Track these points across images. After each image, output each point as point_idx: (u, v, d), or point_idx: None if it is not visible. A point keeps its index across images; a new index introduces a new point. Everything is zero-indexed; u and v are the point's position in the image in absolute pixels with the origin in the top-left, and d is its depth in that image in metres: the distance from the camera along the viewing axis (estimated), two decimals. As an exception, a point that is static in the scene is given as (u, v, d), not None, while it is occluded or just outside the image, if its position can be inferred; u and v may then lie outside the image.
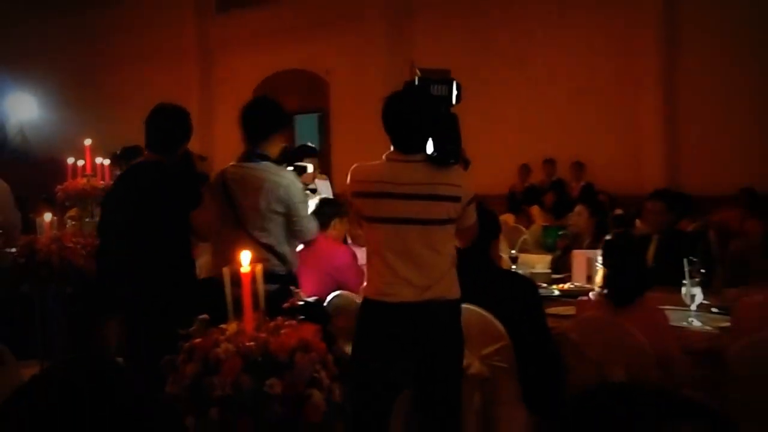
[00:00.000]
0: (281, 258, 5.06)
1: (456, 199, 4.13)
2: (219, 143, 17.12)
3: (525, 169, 14.54)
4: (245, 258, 3.05)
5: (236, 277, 3.08)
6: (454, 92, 4.44)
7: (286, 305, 3.33)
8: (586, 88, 13.93)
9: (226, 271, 3.20)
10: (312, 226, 5.28)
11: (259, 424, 2.90)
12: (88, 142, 8.11)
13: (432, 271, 4.12)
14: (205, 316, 3.09)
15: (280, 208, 5.05)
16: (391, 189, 4.12)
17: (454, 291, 4.19)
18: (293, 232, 5.16)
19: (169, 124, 5.30)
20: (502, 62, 14.44)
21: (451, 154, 4.20)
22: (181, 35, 19.80)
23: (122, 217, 5.34)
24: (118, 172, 7.09)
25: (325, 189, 8.23)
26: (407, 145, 4.18)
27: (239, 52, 18.80)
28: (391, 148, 4.23)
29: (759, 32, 12.32)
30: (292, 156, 7.84)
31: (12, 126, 20.42)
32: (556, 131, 14.22)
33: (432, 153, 4.18)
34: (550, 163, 14.34)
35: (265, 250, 4.91)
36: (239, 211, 5.06)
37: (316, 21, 17.01)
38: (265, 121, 5.27)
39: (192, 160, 5.23)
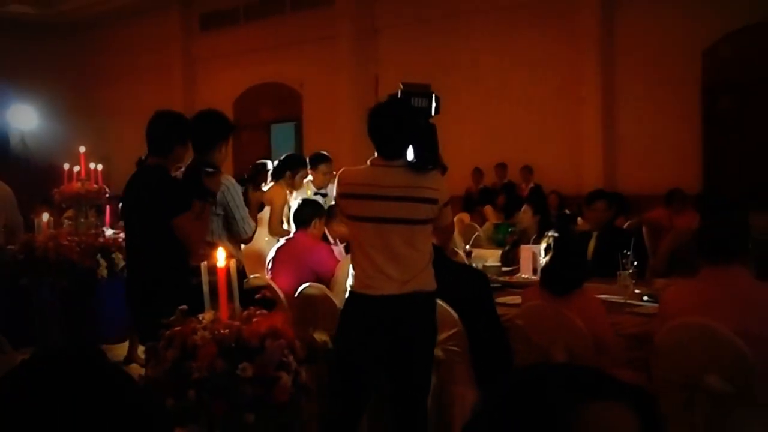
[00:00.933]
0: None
1: (433, 201, 4.12)
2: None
3: (478, 173, 14.58)
4: (221, 255, 3.04)
5: (212, 270, 3.07)
6: (433, 104, 4.43)
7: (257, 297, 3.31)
8: (533, 98, 14.04)
9: (204, 264, 3.19)
10: (248, 228, 5.20)
11: (233, 403, 2.90)
12: (82, 149, 8.04)
13: (411, 267, 4.11)
14: (183, 306, 3.08)
15: (219, 210, 5.02)
16: (374, 191, 4.10)
17: (430, 284, 4.18)
18: (231, 233, 5.13)
19: (164, 128, 5.19)
20: (457, 76, 14.47)
21: (429, 160, 4.19)
22: (167, 52, 19.68)
23: (127, 218, 5.28)
24: None
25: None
26: (389, 151, 4.16)
27: (220, 67, 18.75)
28: (375, 154, 4.21)
29: (686, 48, 12.44)
30: (312, 162, 7.86)
31: (14, 135, 20.27)
32: (506, 138, 14.31)
33: (412, 159, 4.17)
34: (501, 166, 14.38)
35: (209, 248, 4.82)
36: None
37: (290, 38, 17.00)
38: (212, 131, 5.23)
39: (200, 175, 5.10)
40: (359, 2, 16.19)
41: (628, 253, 5.65)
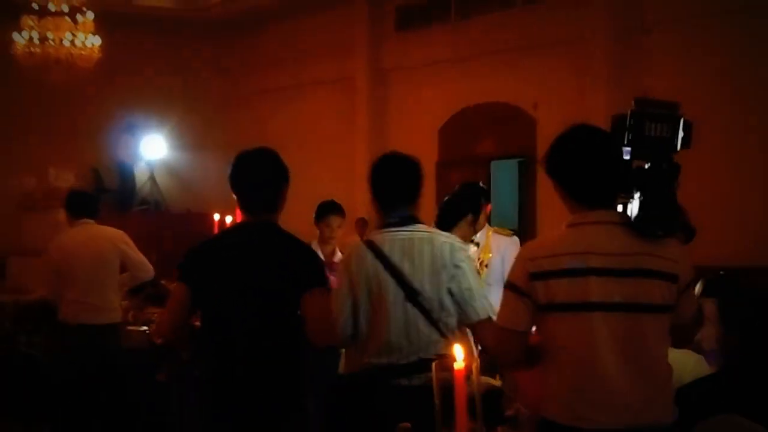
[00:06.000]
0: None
1: (671, 277, 3.87)
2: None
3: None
4: (459, 352, 3.01)
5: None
6: (680, 134, 4.05)
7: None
8: None
9: (434, 365, 3.18)
10: (484, 308, 5.06)
11: None
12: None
13: (647, 384, 3.84)
14: (406, 424, 3.10)
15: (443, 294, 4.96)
16: (593, 262, 3.84)
17: (670, 412, 3.91)
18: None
19: (272, 172, 5.31)
20: (750, 100, 13.96)
21: (657, 222, 3.92)
22: (348, 60, 20.06)
23: (234, 294, 5.17)
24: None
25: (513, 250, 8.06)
26: (591, 199, 3.98)
27: (421, 80, 18.84)
28: (573, 213, 4.03)
29: None
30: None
31: (141, 172, 21.04)
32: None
33: (633, 216, 3.92)
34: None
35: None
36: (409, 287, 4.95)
37: (519, 42, 16.95)
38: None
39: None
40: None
41: None
